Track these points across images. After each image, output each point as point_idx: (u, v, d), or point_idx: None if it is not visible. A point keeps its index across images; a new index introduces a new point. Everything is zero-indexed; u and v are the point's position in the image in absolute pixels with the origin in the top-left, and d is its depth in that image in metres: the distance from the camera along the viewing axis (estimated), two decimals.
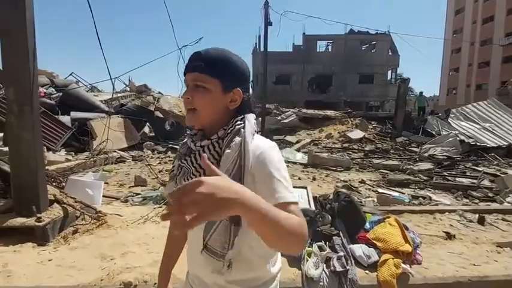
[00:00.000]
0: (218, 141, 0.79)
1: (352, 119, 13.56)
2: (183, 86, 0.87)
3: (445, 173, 7.15)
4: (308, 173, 7.32)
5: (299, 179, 6.56)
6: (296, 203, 0.71)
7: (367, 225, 2.54)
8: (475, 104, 13.00)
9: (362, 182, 6.36)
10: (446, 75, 37.68)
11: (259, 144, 0.78)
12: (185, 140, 0.90)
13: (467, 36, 33.69)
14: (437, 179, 6.60)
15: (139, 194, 4.20)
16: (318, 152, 9.24)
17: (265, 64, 11.27)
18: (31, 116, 2.46)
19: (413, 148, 10.84)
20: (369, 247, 2.32)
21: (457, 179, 6.67)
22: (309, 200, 2.62)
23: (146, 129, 11.32)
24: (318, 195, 2.90)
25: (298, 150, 10.48)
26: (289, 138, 12.43)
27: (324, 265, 2.13)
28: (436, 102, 37.61)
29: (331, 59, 26.31)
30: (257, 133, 0.84)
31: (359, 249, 2.28)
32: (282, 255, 0.99)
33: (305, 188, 2.85)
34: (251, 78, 1.00)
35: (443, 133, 11.48)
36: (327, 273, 2.09)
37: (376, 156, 9.67)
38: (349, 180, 6.52)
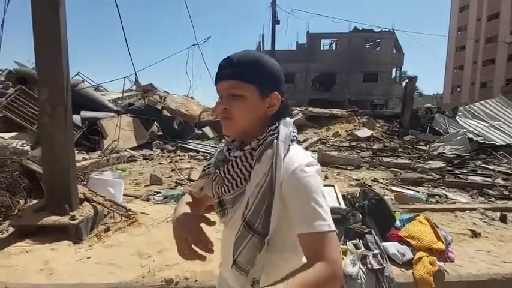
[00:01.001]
0: (251, 152, 0.76)
1: (358, 118, 13.54)
2: (192, 85, 0.84)
3: (457, 172, 7.14)
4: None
5: None
6: (334, 231, 0.67)
7: (398, 223, 2.55)
8: (482, 102, 12.95)
9: (375, 180, 6.36)
10: (451, 73, 37.50)
11: (295, 160, 0.72)
12: (222, 145, 0.88)
13: (472, 33, 33.49)
14: (450, 177, 6.59)
15: (160, 192, 4.23)
16: (327, 151, 9.25)
17: None
18: (64, 116, 2.49)
19: (422, 146, 10.82)
20: (402, 245, 2.33)
21: (469, 177, 6.66)
22: (337, 198, 2.63)
23: (154, 128, 11.37)
24: (345, 194, 2.91)
25: (306, 148, 10.49)
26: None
27: (360, 263, 2.15)
28: (440, 101, 37.47)
29: (335, 57, 26.24)
30: (295, 141, 0.80)
31: (392, 247, 2.30)
32: None
33: (332, 186, 2.87)
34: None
35: (451, 131, 11.44)
36: (364, 270, 2.11)
37: (385, 154, 9.65)
38: (362, 178, 6.53)
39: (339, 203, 2.58)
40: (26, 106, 8.30)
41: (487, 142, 10.64)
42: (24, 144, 4.24)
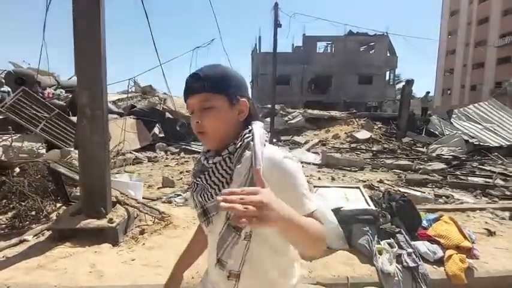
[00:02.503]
0: (230, 156, 0.78)
1: (357, 120, 13.78)
2: None
3: (457, 173, 7.38)
4: (325, 173, 7.47)
5: (319, 179, 6.71)
6: (316, 209, 0.77)
7: (424, 223, 2.68)
8: (476, 104, 13.34)
9: (380, 181, 6.52)
10: (441, 75, 38.40)
11: (275, 154, 0.76)
12: (199, 157, 0.90)
13: (462, 37, 34.37)
14: (451, 178, 6.81)
15: (179, 195, 4.27)
16: (330, 153, 9.40)
17: (275, 65, 11.40)
18: (102, 119, 2.54)
19: (419, 148, 11.11)
20: (432, 244, 2.45)
21: (469, 178, 6.89)
22: (366, 200, 2.74)
23: (156, 130, 11.33)
24: (371, 195, 3.03)
25: (308, 150, 10.63)
26: (297, 138, 12.58)
27: (395, 261, 2.27)
28: (430, 103, 38.22)
29: (331, 60, 26.58)
30: (267, 142, 0.83)
31: (423, 245, 2.42)
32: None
33: (357, 187, 2.98)
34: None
35: (447, 133, 11.78)
36: (400, 268, 2.22)
37: (384, 156, 9.87)
38: (367, 180, 6.68)
39: (368, 204, 2.68)
40: (29, 108, 8.20)
41: (481, 144, 10.98)
42: (40, 147, 4.22)
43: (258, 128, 0.81)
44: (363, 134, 11.91)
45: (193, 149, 9.92)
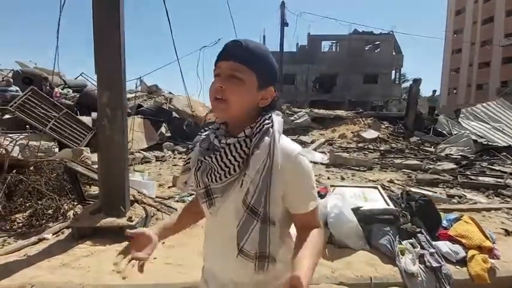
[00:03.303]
0: (245, 139, 0.76)
1: (363, 119, 13.71)
2: (203, 87, 0.88)
3: (467, 172, 7.31)
4: (334, 172, 7.43)
5: (328, 178, 6.68)
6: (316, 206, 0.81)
7: (445, 223, 2.65)
8: (484, 104, 13.22)
9: (391, 181, 6.48)
10: (447, 75, 38.10)
11: (291, 147, 0.77)
12: (205, 133, 0.87)
13: (468, 36, 34.08)
14: (461, 178, 6.75)
15: (192, 194, 4.27)
16: (338, 152, 9.36)
17: (281, 65, 11.37)
18: (122, 119, 2.55)
19: (427, 148, 11.02)
20: (453, 244, 2.43)
21: (480, 178, 6.83)
22: (385, 200, 2.72)
23: (163, 129, 11.37)
24: (389, 195, 3.01)
25: (314, 150, 10.60)
26: (303, 138, 12.54)
27: (417, 261, 2.25)
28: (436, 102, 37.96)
29: (336, 59, 26.49)
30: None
31: (444, 246, 2.40)
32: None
33: (375, 187, 2.96)
34: None
35: (455, 133, 11.68)
36: (423, 269, 2.20)
37: (393, 156, 9.81)
38: (377, 179, 6.64)
39: (388, 204, 2.66)
40: (38, 107, 8.26)
41: (490, 143, 10.88)
42: (53, 146, 4.26)
43: (277, 117, 0.80)
44: (370, 134, 11.84)
45: None
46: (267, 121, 0.76)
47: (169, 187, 5.45)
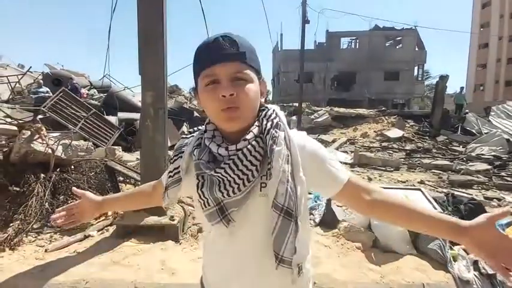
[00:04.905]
0: (256, 139, 0.68)
1: (387, 118, 13.34)
2: None
3: (503, 173, 6.94)
4: (359, 173, 7.27)
5: None
6: (350, 176, 0.75)
7: (497, 228, 2.50)
8: None
9: (421, 182, 6.26)
10: (473, 71, 36.42)
11: (299, 134, 0.75)
12: (189, 139, 0.80)
13: (495, 30, 32.41)
14: (496, 179, 6.42)
15: None
16: (362, 152, 9.15)
17: (302, 63, 11.25)
18: (163, 119, 2.58)
19: (455, 147, 10.58)
20: None
21: None
22: (431, 203, 2.61)
23: (184, 129, 11.55)
24: (435, 197, 2.89)
25: (336, 149, 10.42)
26: (324, 137, 12.36)
27: (472, 268, 2.14)
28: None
29: (355, 56, 25.91)
30: None
31: None
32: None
33: (419, 189, 2.85)
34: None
35: (485, 132, 11.15)
36: (477, 275, 2.09)
37: (419, 155, 9.48)
38: (407, 180, 6.43)
39: (435, 207, 2.56)
40: (68, 107, 8.59)
41: None
42: (90, 145, 4.39)
43: (277, 109, 0.75)
44: (395, 133, 11.50)
45: None
46: (272, 115, 0.71)
47: None
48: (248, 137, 0.67)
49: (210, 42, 0.66)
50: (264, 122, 0.69)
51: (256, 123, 0.70)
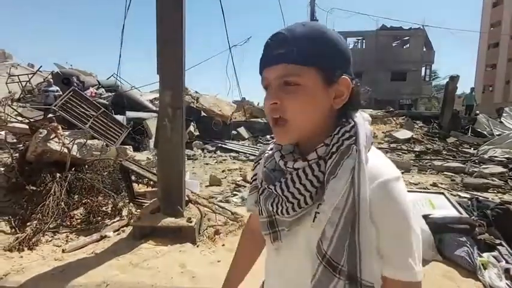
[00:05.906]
0: (318, 162, 0.57)
1: (395, 118, 13.19)
2: (232, 86, 0.63)
3: None
4: None
5: None
6: (420, 281, 0.55)
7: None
8: None
9: (434, 185, 6.14)
10: (482, 71, 35.85)
11: (382, 171, 0.55)
12: (270, 146, 0.70)
13: (507, 29, 31.86)
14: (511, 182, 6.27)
15: (236, 194, 4.26)
16: None
17: None
18: (181, 119, 2.54)
19: (466, 149, 10.40)
20: None
21: None
22: (455, 207, 2.53)
23: (191, 128, 11.55)
24: (459, 202, 2.81)
25: None
26: None
27: (504, 276, 2.06)
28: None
29: (362, 56, 25.69)
30: (372, 144, 0.61)
31: None
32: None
33: (441, 193, 2.77)
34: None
35: (497, 133, 10.95)
36: (510, 284, 2.02)
37: (429, 157, 9.34)
38: (419, 183, 6.32)
39: (460, 212, 2.48)
40: (78, 106, 8.63)
41: None
42: (104, 145, 4.39)
43: (362, 124, 0.59)
44: (403, 134, 11.36)
45: (229, 147, 9.98)
46: (347, 133, 0.56)
47: (206, 186, 5.47)
48: (309, 157, 0.58)
49: (266, 42, 0.58)
50: (334, 142, 0.56)
51: (327, 141, 0.58)
